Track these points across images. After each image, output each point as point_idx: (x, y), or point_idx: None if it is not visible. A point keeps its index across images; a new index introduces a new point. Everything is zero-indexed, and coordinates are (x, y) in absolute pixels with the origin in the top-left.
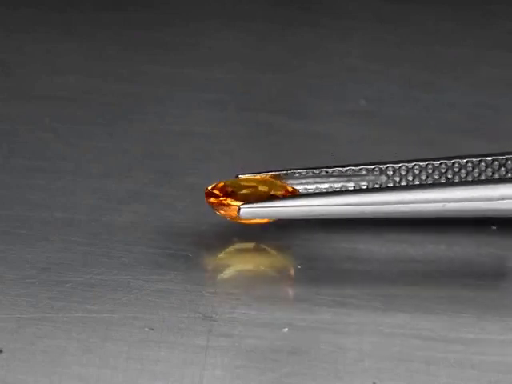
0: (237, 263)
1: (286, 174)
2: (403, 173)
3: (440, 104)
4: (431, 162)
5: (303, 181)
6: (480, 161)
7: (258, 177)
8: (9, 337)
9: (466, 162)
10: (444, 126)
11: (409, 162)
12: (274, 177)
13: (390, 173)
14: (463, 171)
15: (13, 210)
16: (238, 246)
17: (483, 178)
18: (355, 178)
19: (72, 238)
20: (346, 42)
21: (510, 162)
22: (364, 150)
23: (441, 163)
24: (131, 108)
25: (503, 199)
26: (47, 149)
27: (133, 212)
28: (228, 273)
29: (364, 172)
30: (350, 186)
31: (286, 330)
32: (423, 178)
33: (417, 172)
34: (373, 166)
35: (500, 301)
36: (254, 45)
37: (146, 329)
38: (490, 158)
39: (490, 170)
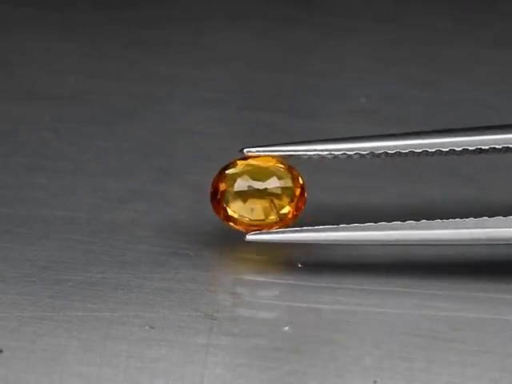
0: (237, 262)
1: (291, 156)
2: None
3: (440, 103)
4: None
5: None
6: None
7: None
8: (9, 335)
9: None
10: (444, 125)
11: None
12: (280, 159)
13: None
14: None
15: (13, 209)
16: (238, 244)
17: None
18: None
19: (72, 237)
20: (346, 41)
21: None
22: None
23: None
24: (131, 107)
25: None
26: (47, 148)
27: (133, 210)
28: (229, 271)
29: (369, 157)
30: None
31: (286, 328)
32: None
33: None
34: (380, 151)
35: (500, 299)
36: (254, 43)
37: (147, 327)
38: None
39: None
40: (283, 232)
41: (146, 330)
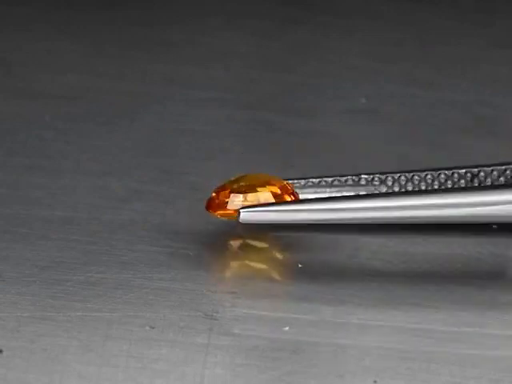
0: (237, 262)
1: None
2: (402, 183)
3: (441, 102)
4: (431, 171)
5: (302, 190)
6: (479, 171)
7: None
8: (9, 335)
9: (466, 173)
10: (445, 125)
11: (408, 172)
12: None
13: (390, 183)
14: (462, 181)
15: (13, 209)
16: (238, 244)
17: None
18: (355, 188)
19: (72, 237)
20: (346, 40)
21: (508, 171)
22: (364, 149)
23: (440, 173)
24: (131, 106)
25: (506, 204)
26: (47, 147)
27: (133, 210)
28: (229, 271)
29: (363, 182)
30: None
31: (286, 328)
32: (423, 187)
33: (416, 182)
34: (372, 176)
35: (500, 298)
36: (253, 43)
37: (147, 327)
38: (489, 169)
39: (489, 179)
40: (277, 211)
41: (146, 330)
